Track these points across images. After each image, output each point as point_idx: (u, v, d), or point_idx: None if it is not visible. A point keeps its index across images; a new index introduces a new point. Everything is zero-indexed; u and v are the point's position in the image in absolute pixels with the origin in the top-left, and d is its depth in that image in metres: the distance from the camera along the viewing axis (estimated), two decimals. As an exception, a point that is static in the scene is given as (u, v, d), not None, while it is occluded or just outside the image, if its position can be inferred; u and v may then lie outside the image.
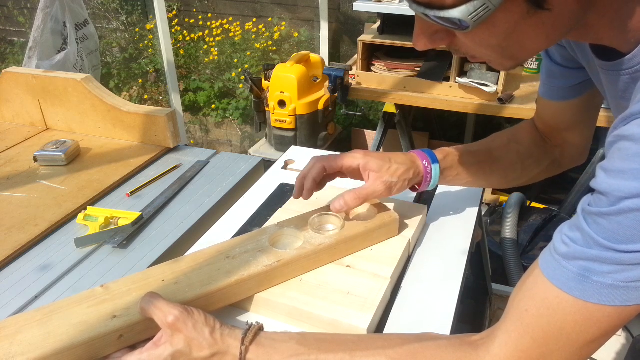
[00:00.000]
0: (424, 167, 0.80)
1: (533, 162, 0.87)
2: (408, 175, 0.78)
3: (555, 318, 0.51)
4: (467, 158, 0.83)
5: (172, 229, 0.97)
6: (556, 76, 0.77)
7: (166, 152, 1.24)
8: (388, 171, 0.77)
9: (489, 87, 1.87)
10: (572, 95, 0.78)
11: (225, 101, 3.60)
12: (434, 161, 0.80)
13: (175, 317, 0.59)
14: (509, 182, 0.88)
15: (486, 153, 0.85)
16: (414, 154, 0.81)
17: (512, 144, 0.86)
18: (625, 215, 0.45)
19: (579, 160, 0.89)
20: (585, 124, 0.84)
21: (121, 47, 3.82)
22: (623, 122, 0.48)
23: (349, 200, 0.76)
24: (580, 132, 0.85)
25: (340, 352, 0.59)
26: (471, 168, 0.84)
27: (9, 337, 0.60)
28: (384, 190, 0.77)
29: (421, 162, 0.80)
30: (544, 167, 0.88)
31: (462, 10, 0.47)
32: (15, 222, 0.97)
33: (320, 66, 2.48)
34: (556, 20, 0.49)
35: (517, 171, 0.87)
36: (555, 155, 0.88)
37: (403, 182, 0.78)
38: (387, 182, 0.76)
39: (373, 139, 2.39)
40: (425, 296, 0.75)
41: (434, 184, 0.82)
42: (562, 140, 0.86)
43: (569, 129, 0.84)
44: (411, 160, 0.80)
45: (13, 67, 1.35)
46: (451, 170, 0.83)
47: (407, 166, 0.78)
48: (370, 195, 0.77)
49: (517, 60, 0.56)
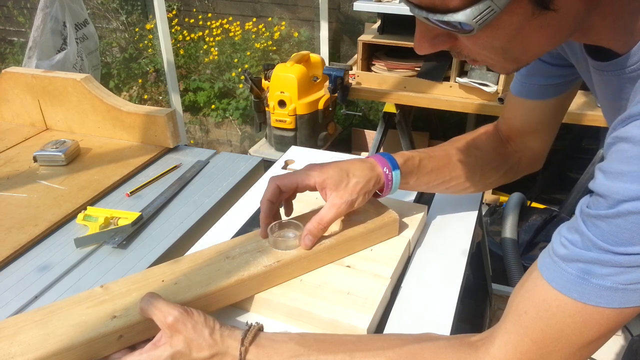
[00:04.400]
0: (384, 174, 0.77)
1: (491, 169, 0.86)
2: (368, 187, 0.75)
3: (555, 320, 0.51)
4: (426, 163, 0.81)
5: (171, 229, 0.97)
6: (537, 73, 0.76)
7: (166, 152, 1.24)
8: (347, 188, 0.74)
9: (489, 87, 1.87)
10: (549, 94, 0.78)
11: (225, 101, 3.60)
12: (395, 167, 0.78)
13: (174, 317, 0.59)
14: (466, 188, 0.86)
15: (445, 158, 0.83)
16: (373, 161, 0.78)
17: (472, 150, 0.85)
18: (624, 218, 0.45)
19: (535, 166, 0.89)
20: (550, 128, 0.84)
21: (121, 47, 3.82)
22: (622, 123, 0.48)
23: (314, 232, 0.73)
24: (543, 136, 0.85)
25: (339, 352, 0.59)
26: (430, 173, 0.82)
27: (9, 338, 0.60)
28: (345, 209, 0.74)
29: (381, 169, 0.77)
30: (501, 174, 0.87)
31: (466, 13, 0.46)
32: (15, 222, 0.97)
33: (320, 66, 2.48)
34: (561, 21, 0.49)
35: (476, 177, 0.85)
36: (513, 161, 0.87)
37: (364, 196, 0.75)
38: (347, 201, 0.73)
39: (373, 139, 2.40)
40: (425, 296, 0.75)
41: (394, 190, 0.80)
42: (522, 145, 0.86)
43: (534, 132, 0.84)
44: (370, 168, 0.77)
45: (13, 67, 1.35)
46: (411, 175, 0.80)
47: (367, 178, 0.75)
48: (333, 219, 0.74)
49: (520, 62, 0.56)
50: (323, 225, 0.74)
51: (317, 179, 0.74)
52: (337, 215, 0.74)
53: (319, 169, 0.76)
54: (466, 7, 0.46)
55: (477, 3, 0.45)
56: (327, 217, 0.73)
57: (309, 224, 0.73)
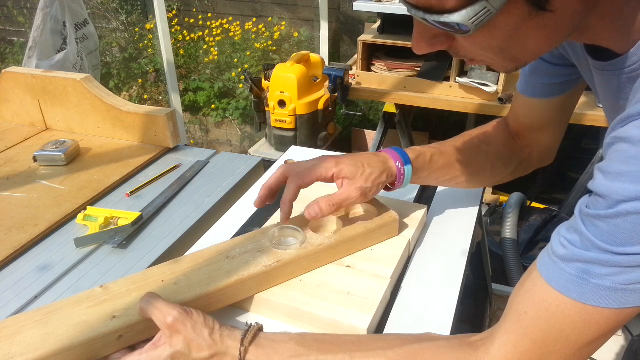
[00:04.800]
0: (397, 168, 0.79)
1: (502, 164, 0.87)
2: (381, 179, 0.77)
3: (554, 320, 0.51)
4: (437, 159, 0.83)
5: (171, 229, 0.97)
6: (541, 73, 0.77)
7: (166, 152, 1.24)
8: (362, 176, 0.75)
9: (489, 87, 1.87)
10: (554, 93, 0.78)
11: (225, 101, 3.60)
12: (407, 162, 0.79)
13: (174, 317, 0.59)
14: (477, 183, 0.88)
15: (456, 154, 0.85)
16: (386, 155, 0.80)
17: (482, 146, 0.86)
18: (624, 219, 0.45)
19: (547, 160, 0.90)
20: (558, 124, 0.84)
21: (121, 47, 3.82)
22: (621, 123, 0.48)
23: (323, 207, 0.74)
24: (552, 132, 0.85)
25: (339, 352, 0.59)
26: (441, 169, 0.83)
27: (9, 338, 0.60)
28: (359, 196, 0.75)
29: (394, 163, 0.79)
30: (512, 169, 0.88)
31: (462, 14, 0.46)
32: (15, 222, 0.97)
33: (320, 66, 2.48)
34: (558, 21, 0.49)
35: (486, 172, 0.87)
36: (524, 155, 0.88)
37: (377, 187, 0.77)
38: (361, 187, 0.75)
39: (373, 139, 2.40)
40: (426, 296, 0.75)
41: (406, 184, 0.81)
42: (532, 140, 0.87)
43: (542, 128, 0.85)
44: (383, 162, 0.78)
45: (13, 67, 1.35)
46: (422, 171, 0.82)
47: (380, 169, 0.77)
48: (345, 201, 0.75)
49: (519, 62, 0.55)
50: (332, 203, 0.74)
51: (334, 170, 0.76)
52: (349, 199, 0.75)
53: (334, 160, 0.77)
54: (462, 8, 0.46)
55: (473, 4, 0.46)
56: (339, 198, 0.75)
57: (321, 200, 0.74)
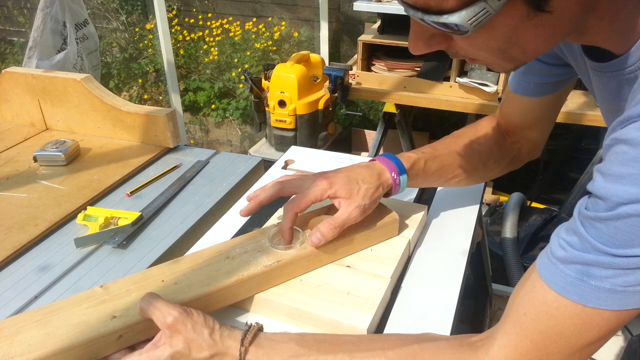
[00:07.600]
0: (392, 179, 0.79)
1: (494, 162, 0.89)
2: (378, 193, 0.77)
3: (554, 322, 0.51)
4: (431, 164, 0.83)
5: (172, 229, 0.97)
6: (534, 72, 0.77)
7: (166, 152, 1.24)
8: (358, 195, 0.75)
9: (489, 87, 1.87)
10: (546, 91, 0.79)
11: (225, 101, 3.60)
12: (402, 172, 0.80)
13: (174, 317, 0.59)
14: (470, 182, 0.90)
15: (449, 157, 0.85)
16: (380, 166, 0.79)
17: (475, 146, 0.87)
18: (623, 221, 0.45)
19: (534, 155, 0.92)
20: (547, 120, 0.86)
21: (121, 47, 3.82)
22: (620, 125, 0.47)
23: (325, 233, 0.74)
24: (541, 128, 0.87)
25: (339, 352, 0.59)
26: (435, 174, 0.84)
27: (9, 338, 0.60)
28: (359, 214, 0.75)
29: (389, 174, 0.79)
30: (504, 165, 0.90)
31: (461, 15, 0.46)
32: (15, 222, 0.97)
33: (320, 66, 2.48)
34: (556, 22, 0.49)
35: (478, 172, 0.88)
36: (514, 152, 0.90)
37: (375, 201, 0.77)
38: (359, 206, 0.75)
39: (373, 139, 2.39)
40: (426, 296, 0.75)
41: (401, 192, 0.82)
42: (522, 136, 0.88)
43: (532, 125, 0.86)
44: (378, 175, 0.78)
45: (13, 67, 1.35)
46: (417, 177, 0.83)
47: (376, 185, 0.77)
48: (345, 223, 0.75)
49: (518, 62, 0.56)
50: (334, 226, 0.74)
51: (329, 192, 0.75)
52: (350, 219, 0.75)
53: (327, 181, 0.76)
54: (461, 8, 0.46)
55: (471, 5, 0.45)
56: (340, 221, 0.74)
57: (322, 225, 0.74)
